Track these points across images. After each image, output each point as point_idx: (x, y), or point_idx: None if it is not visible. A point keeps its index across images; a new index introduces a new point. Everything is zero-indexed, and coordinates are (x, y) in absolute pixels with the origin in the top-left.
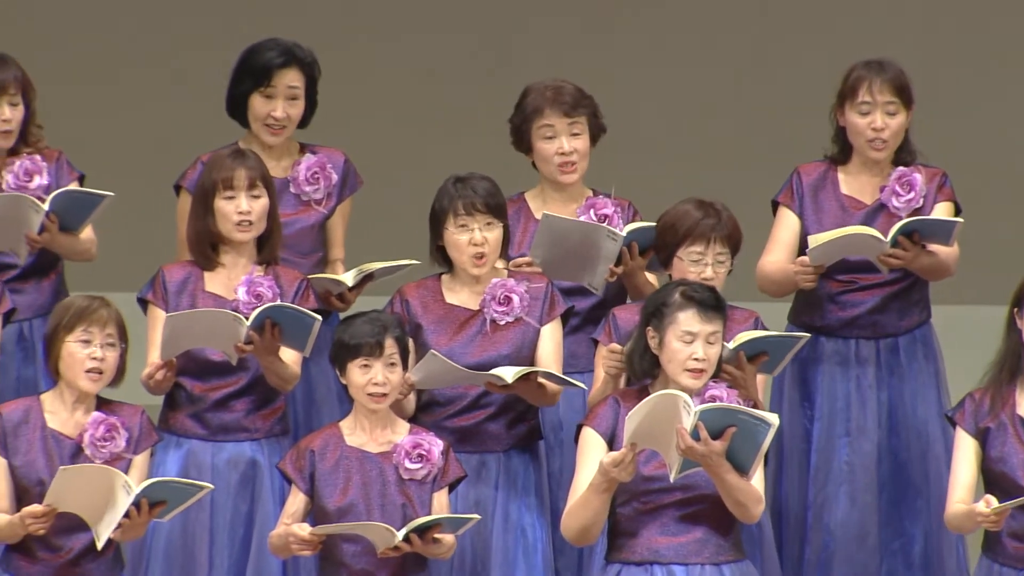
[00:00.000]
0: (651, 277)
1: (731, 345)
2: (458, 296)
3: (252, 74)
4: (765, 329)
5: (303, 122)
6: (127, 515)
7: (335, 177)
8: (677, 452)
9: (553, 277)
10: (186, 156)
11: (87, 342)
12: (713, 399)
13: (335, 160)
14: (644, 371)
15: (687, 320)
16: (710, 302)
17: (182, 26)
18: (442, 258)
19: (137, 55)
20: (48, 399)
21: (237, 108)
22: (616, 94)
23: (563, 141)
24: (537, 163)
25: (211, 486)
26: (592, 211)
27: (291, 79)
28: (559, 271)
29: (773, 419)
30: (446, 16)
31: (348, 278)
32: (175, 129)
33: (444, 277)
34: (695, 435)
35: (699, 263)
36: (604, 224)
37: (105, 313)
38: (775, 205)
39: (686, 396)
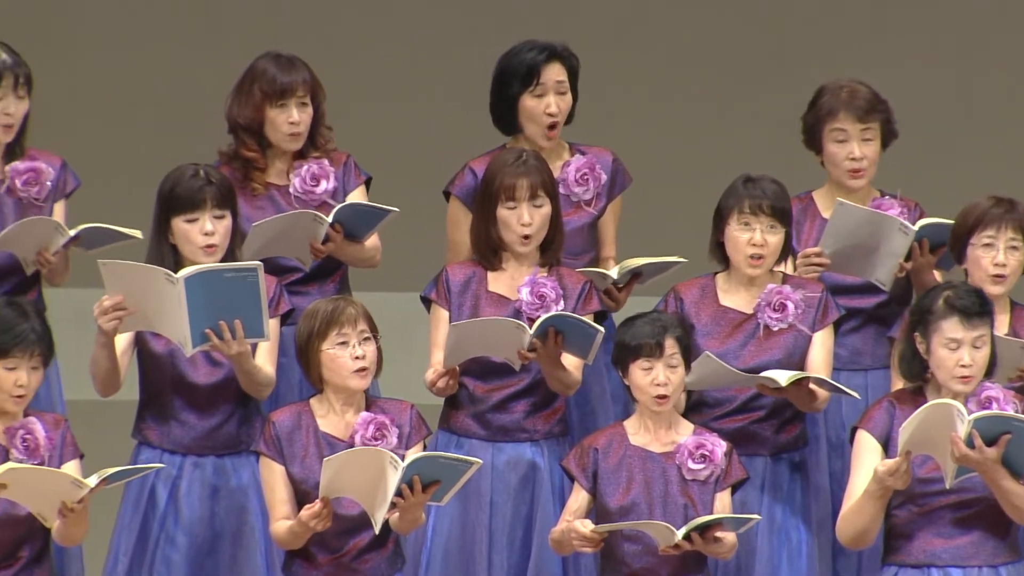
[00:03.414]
0: (939, 275)
1: None
2: (733, 298)
3: (518, 76)
4: None
5: (568, 117)
6: (400, 494)
7: (604, 177)
8: (952, 460)
9: (840, 271)
10: (457, 157)
11: (344, 343)
12: (989, 400)
13: (603, 160)
14: (916, 374)
15: (951, 328)
16: (974, 308)
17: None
18: (720, 255)
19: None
20: (316, 404)
21: (505, 115)
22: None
23: (854, 146)
24: (827, 164)
25: (480, 461)
26: None
27: (556, 73)
28: (847, 264)
29: None
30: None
31: (613, 272)
32: (445, 130)
33: (719, 277)
34: (969, 443)
35: (991, 247)
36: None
37: (352, 311)
38: None
39: (959, 405)
